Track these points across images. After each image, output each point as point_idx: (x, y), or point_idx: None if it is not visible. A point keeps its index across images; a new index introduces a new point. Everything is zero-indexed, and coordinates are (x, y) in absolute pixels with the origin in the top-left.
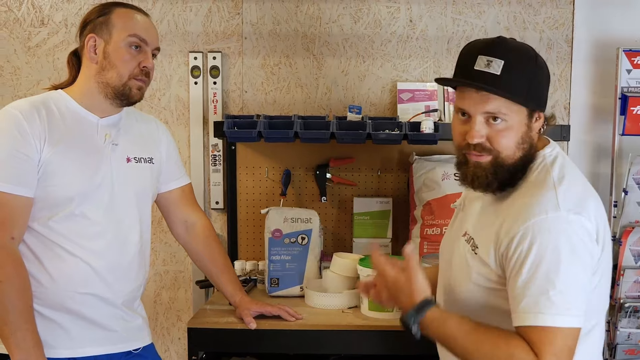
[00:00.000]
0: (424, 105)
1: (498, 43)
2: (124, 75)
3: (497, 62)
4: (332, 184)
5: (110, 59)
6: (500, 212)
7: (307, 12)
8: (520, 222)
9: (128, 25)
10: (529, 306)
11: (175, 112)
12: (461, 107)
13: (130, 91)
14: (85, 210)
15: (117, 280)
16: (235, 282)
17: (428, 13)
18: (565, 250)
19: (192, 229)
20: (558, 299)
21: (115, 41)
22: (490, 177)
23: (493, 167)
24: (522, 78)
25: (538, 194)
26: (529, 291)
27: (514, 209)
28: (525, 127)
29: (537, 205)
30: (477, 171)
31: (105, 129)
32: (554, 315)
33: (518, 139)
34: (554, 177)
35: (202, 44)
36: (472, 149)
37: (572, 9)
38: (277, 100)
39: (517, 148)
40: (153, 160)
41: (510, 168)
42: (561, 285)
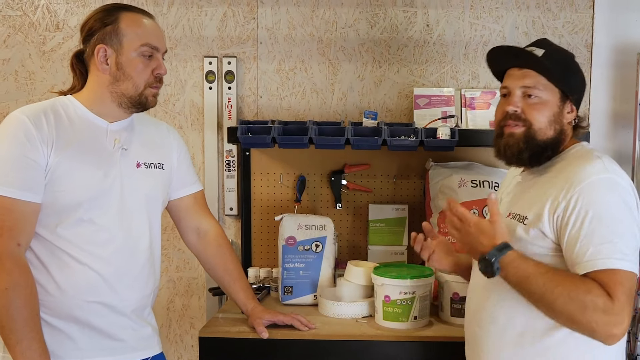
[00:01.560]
0: (441, 111)
1: (542, 40)
2: (140, 86)
3: (539, 50)
4: (347, 191)
5: (124, 70)
6: (544, 184)
7: (322, 17)
8: (574, 185)
9: (138, 33)
10: (596, 253)
11: (189, 118)
12: (504, 86)
13: (147, 100)
14: (93, 216)
15: (126, 288)
16: (247, 290)
17: (445, 18)
18: (621, 204)
19: (204, 236)
20: (622, 246)
21: (127, 51)
22: (521, 145)
23: (525, 137)
24: (558, 65)
25: (585, 162)
26: (594, 240)
27: (562, 176)
28: (557, 108)
29: (588, 169)
30: (509, 140)
31: (114, 134)
32: (620, 260)
33: (550, 115)
34: (596, 154)
35: (217, 48)
36: (508, 119)
37: (592, 14)
38: (292, 105)
39: (549, 125)
40: (164, 166)
41: (540, 143)
42: (622, 234)
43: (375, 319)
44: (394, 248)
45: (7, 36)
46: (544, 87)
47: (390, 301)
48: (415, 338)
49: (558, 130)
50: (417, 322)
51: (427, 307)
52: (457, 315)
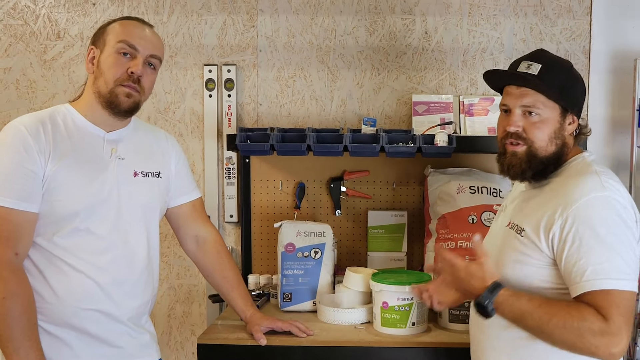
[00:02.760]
0: (440, 118)
1: (539, 51)
2: (109, 81)
3: (536, 65)
4: (346, 197)
5: (100, 66)
6: (543, 198)
7: (322, 25)
8: (570, 203)
9: (119, 32)
10: (594, 273)
11: (189, 125)
12: (504, 103)
13: (117, 98)
14: (90, 225)
15: (123, 296)
16: (246, 297)
17: (443, 25)
18: (618, 222)
19: (203, 244)
20: (620, 265)
21: (107, 49)
22: (524, 165)
23: (527, 156)
24: (556, 80)
25: (582, 179)
26: (591, 260)
27: (560, 192)
28: (557, 124)
29: (584, 186)
30: (512, 160)
31: (111, 143)
32: (617, 280)
33: (551, 132)
34: (595, 169)
35: (216, 56)
36: (510, 138)
37: (589, 20)
38: (292, 112)
39: (550, 141)
40: (161, 174)
41: (543, 160)
42: (620, 253)
43: (374, 325)
44: (393, 254)
45: (9, 45)
46: (543, 104)
47: (388, 307)
48: (413, 344)
49: (560, 145)
50: (415, 328)
51: (425, 313)
52: (455, 321)
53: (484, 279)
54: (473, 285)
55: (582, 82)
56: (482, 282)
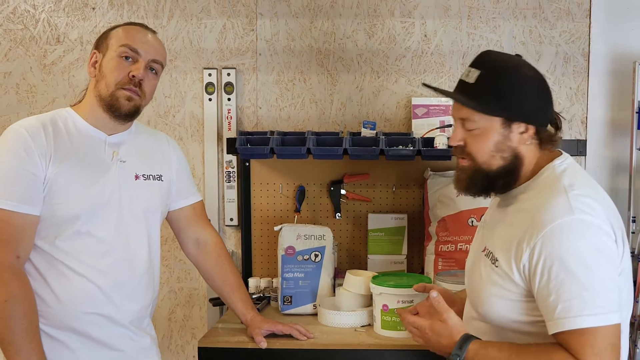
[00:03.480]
0: (439, 121)
1: (481, 55)
2: (110, 85)
3: (474, 72)
4: (346, 200)
5: (102, 70)
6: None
7: (321, 28)
8: (537, 231)
9: (122, 36)
10: (564, 311)
11: (189, 129)
12: None
13: (118, 101)
14: (91, 228)
15: (125, 299)
16: (246, 300)
17: (443, 28)
18: (589, 250)
19: (203, 247)
20: (592, 299)
21: (109, 52)
22: (468, 181)
23: (472, 172)
24: (494, 87)
25: (549, 200)
26: (562, 296)
27: (527, 215)
28: (500, 136)
29: (551, 211)
30: (460, 174)
31: (112, 146)
32: (590, 316)
33: (491, 146)
34: (564, 184)
35: (216, 60)
36: (456, 152)
37: (589, 23)
38: (292, 116)
39: (492, 155)
40: (162, 177)
41: (488, 174)
42: (593, 285)
43: (374, 328)
44: (393, 257)
45: (8, 49)
46: (478, 116)
47: (388, 310)
48: (413, 347)
49: (509, 158)
50: None
51: None
52: None
53: (451, 336)
54: (442, 343)
55: (536, 81)
56: (449, 339)
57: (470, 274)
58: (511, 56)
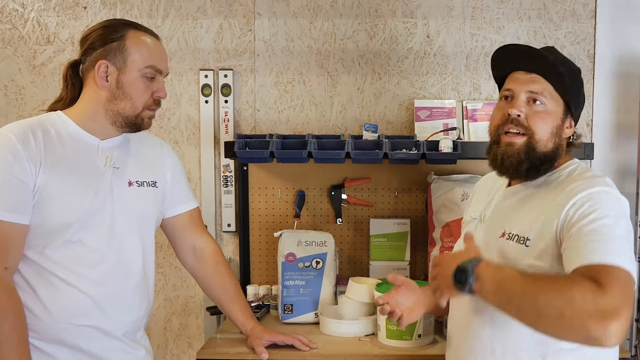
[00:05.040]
0: (442, 123)
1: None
2: (138, 107)
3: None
4: (347, 205)
5: (124, 89)
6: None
7: (321, 28)
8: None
9: (144, 55)
10: (596, 249)
11: (185, 132)
12: (508, 88)
13: (143, 121)
14: (83, 237)
15: (118, 310)
16: (246, 310)
17: (446, 28)
18: (623, 216)
19: (200, 255)
20: (624, 248)
21: (130, 70)
22: (522, 156)
23: (526, 148)
24: (566, 76)
25: (587, 177)
26: (596, 237)
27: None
28: (560, 121)
29: (592, 181)
30: (508, 150)
31: (106, 152)
32: (622, 256)
33: (553, 127)
34: (594, 171)
35: (213, 61)
36: (509, 124)
37: (594, 24)
38: (291, 118)
39: (551, 136)
40: (157, 183)
41: (541, 155)
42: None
43: (378, 337)
44: (396, 263)
45: None
46: (550, 95)
47: None
48: (419, 357)
49: (557, 144)
50: (421, 340)
51: (431, 324)
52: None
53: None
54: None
55: (584, 93)
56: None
57: None
58: None
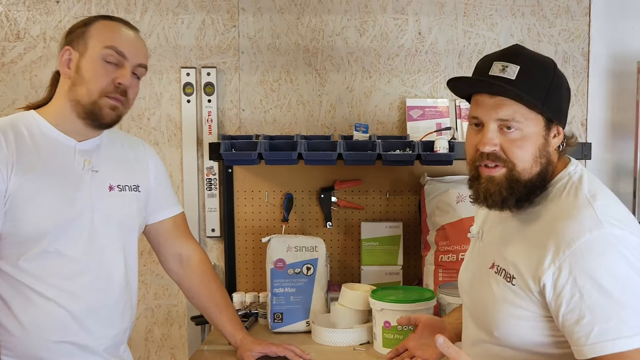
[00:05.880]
0: (435, 123)
1: (514, 49)
2: (93, 92)
3: (513, 67)
4: (337, 208)
5: (81, 72)
6: (529, 233)
7: (308, 25)
8: (563, 247)
9: (106, 36)
10: (602, 334)
11: (166, 133)
12: (474, 115)
13: (101, 111)
14: (60, 246)
15: (99, 324)
16: (235, 320)
17: (438, 25)
18: (623, 266)
19: (186, 263)
20: (631, 318)
21: (89, 53)
22: (505, 193)
23: (507, 182)
24: (539, 84)
25: (575, 214)
26: (596, 318)
27: (551, 232)
28: (542, 139)
29: (577, 225)
30: (489, 186)
31: (83, 154)
32: (631, 337)
33: (535, 151)
34: (585, 194)
35: (195, 59)
36: (485, 159)
37: (588, 21)
38: (277, 119)
39: (534, 162)
40: (139, 188)
41: (527, 184)
42: (630, 303)
43: (374, 346)
44: (388, 268)
45: None
46: (524, 117)
47: (390, 327)
48: None
49: (544, 164)
50: None
51: None
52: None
53: None
54: None
55: (565, 82)
56: None
57: (474, 293)
58: (543, 55)
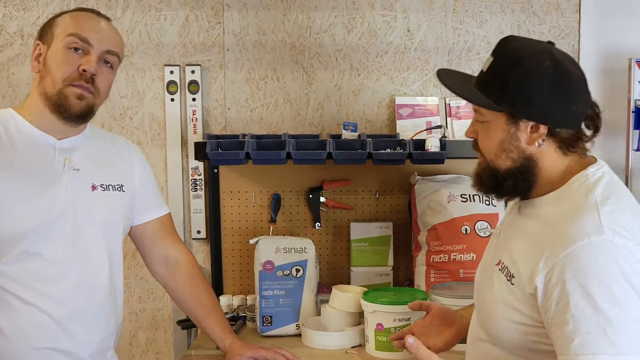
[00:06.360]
0: (425, 122)
1: (502, 40)
2: (57, 81)
3: (489, 60)
4: (326, 209)
5: (47, 64)
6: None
7: (295, 21)
8: (558, 250)
9: (69, 25)
10: (583, 347)
11: (149, 133)
12: None
13: (67, 100)
14: (41, 248)
15: (84, 330)
16: (223, 324)
17: (427, 22)
18: (618, 279)
19: (173, 266)
20: (616, 336)
21: (54, 44)
22: (477, 178)
23: (482, 168)
24: (501, 78)
25: (577, 216)
26: (580, 328)
27: (549, 229)
28: (505, 134)
29: (577, 228)
30: (476, 169)
31: (64, 153)
32: (613, 356)
33: (496, 143)
34: (596, 196)
35: (178, 56)
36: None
37: (578, 18)
38: (264, 117)
39: (498, 155)
40: (124, 187)
41: (496, 174)
42: (619, 320)
43: (366, 349)
44: (378, 269)
45: None
46: (485, 110)
47: (383, 329)
48: None
49: (518, 160)
50: None
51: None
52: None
53: None
54: None
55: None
56: None
57: (480, 290)
58: (537, 43)
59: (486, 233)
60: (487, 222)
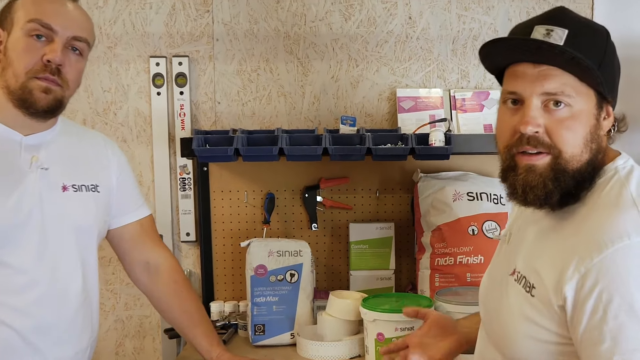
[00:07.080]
0: (429, 115)
1: (559, 11)
2: (19, 73)
3: (559, 31)
4: (323, 209)
5: (8, 54)
6: (562, 237)
7: (289, 9)
8: (593, 253)
9: (30, 9)
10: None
11: (134, 129)
12: (512, 90)
13: (32, 94)
14: (5, 256)
15: (54, 345)
16: (211, 334)
17: (430, 9)
18: None
19: (155, 272)
20: None
21: (14, 31)
22: (550, 186)
23: (553, 172)
24: (591, 51)
25: (614, 214)
26: (620, 346)
27: (581, 234)
28: (594, 120)
29: (615, 228)
30: (530, 178)
31: (31, 150)
32: None
33: (586, 134)
34: (631, 192)
35: (165, 47)
36: (524, 144)
37: (591, 4)
38: (257, 111)
39: (585, 147)
40: (99, 187)
41: (575, 174)
42: None
43: (366, 359)
44: (379, 273)
45: None
46: (575, 91)
47: (384, 339)
48: None
49: (595, 151)
50: None
51: None
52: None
53: None
54: None
55: (618, 59)
56: None
57: (489, 303)
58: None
59: (494, 234)
60: (496, 222)
